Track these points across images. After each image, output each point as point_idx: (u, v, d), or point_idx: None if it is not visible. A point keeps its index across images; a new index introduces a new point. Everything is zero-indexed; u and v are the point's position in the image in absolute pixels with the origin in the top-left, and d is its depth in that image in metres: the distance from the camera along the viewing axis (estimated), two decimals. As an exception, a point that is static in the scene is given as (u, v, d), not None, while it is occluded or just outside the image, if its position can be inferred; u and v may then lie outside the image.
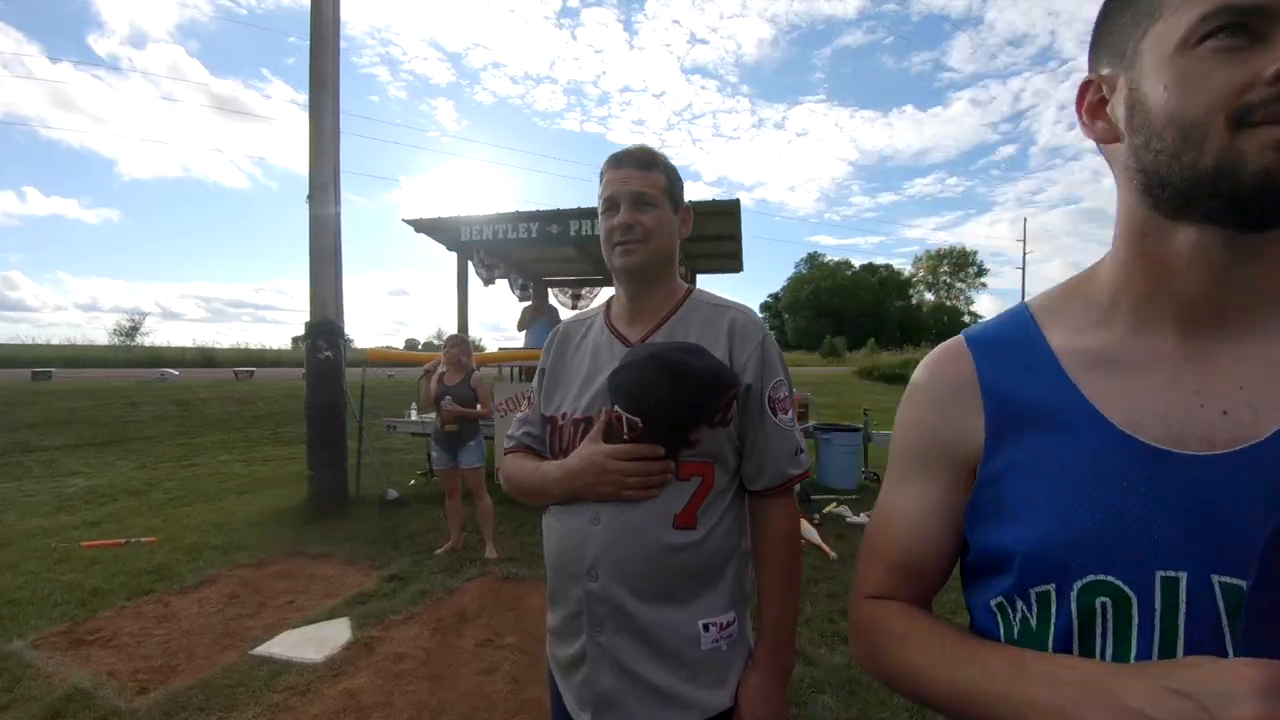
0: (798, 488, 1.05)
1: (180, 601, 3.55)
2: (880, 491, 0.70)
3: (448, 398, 4.06)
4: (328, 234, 5.36)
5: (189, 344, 35.51)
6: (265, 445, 9.38)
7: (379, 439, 8.72)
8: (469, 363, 4.26)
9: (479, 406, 4.14)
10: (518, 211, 6.23)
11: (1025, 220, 51.64)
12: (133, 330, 38.12)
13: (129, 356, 27.09)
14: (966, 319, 51.84)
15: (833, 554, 4.25)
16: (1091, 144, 0.55)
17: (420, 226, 6.73)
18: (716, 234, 6.83)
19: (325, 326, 5.31)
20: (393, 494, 5.50)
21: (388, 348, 11.44)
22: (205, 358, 28.45)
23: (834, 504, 5.67)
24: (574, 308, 8.67)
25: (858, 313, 54.44)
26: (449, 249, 7.40)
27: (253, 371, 19.71)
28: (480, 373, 4.34)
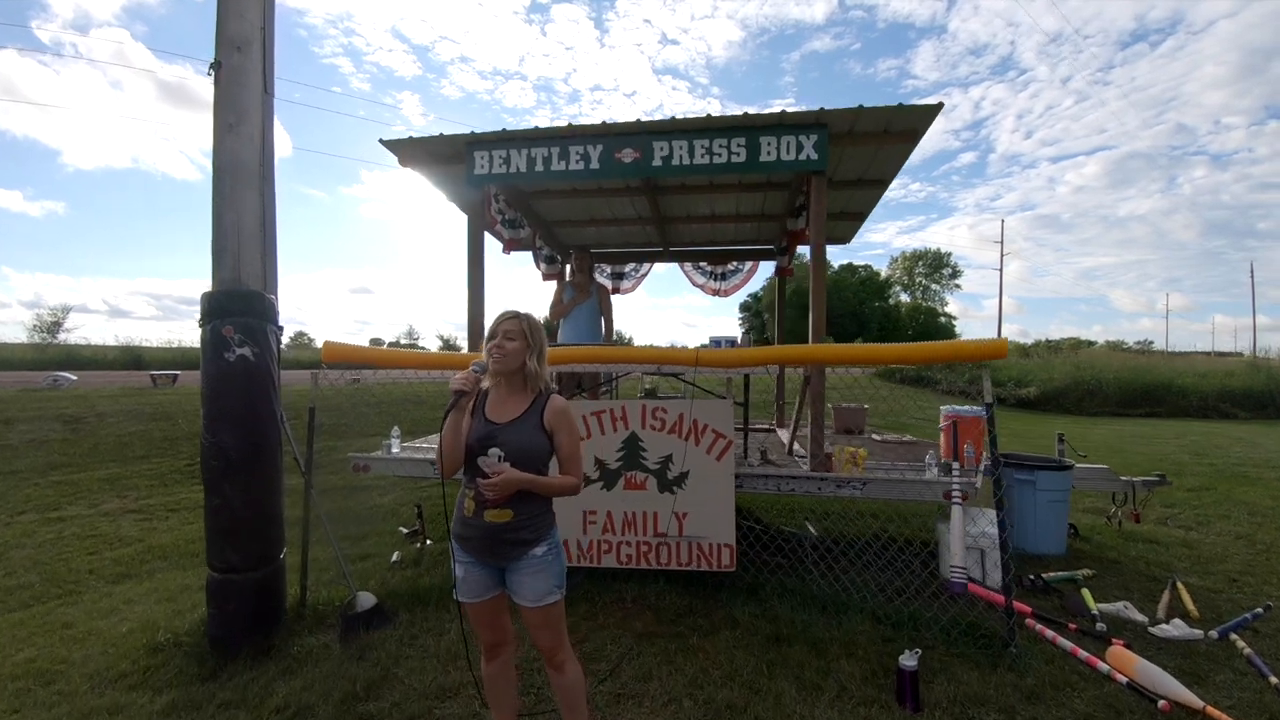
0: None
1: None
2: None
3: (493, 452, 1.72)
4: (248, 134, 2.91)
5: (112, 341, 30.69)
6: (177, 484, 6.72)
7: (339, 474, 6.11)
8: (540, 373, 1.84)
9: (557, 468, 1.85)
10: (571, 125, 3.88)
11: (1003, 222, 51.22)
12: (54, 326, 33.33)
13: (39, 357, 23.15)
14: (942, 320, 51.69)
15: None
16: (1047, 153, 0.15)
17: (407, 155, 4.30)
18: (859, 178, 4.59)
19: (237, 300, 2.85)
20: (366, 601, 3.11)
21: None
22: (131, 358, 24.57)
23: (1082, 587, 3.54)
24: (615, 290, 6.34)
25: (840, 313, 53.93)
26: (450, 198, 5.00)
27: (176, 376, 16.02)
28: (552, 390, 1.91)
